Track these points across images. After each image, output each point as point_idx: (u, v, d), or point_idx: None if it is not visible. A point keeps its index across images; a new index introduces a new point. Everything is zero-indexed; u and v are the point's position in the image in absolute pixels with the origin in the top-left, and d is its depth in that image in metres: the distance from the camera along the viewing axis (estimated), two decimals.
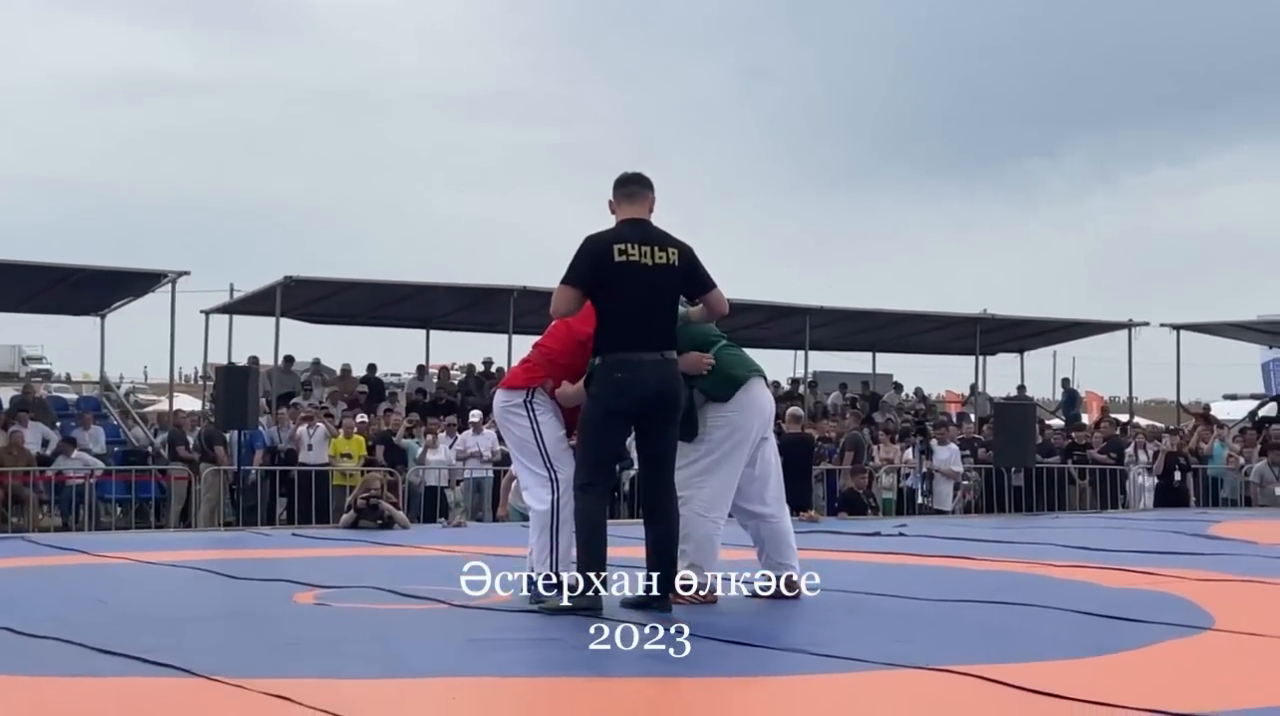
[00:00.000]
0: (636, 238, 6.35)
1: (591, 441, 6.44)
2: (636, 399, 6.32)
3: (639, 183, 6.56)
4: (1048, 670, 4.86)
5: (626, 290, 6.30)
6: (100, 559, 9.46)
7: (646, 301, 6.33)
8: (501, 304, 21.56)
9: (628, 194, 6.52)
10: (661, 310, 6.40)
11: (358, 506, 12.68)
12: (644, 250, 6.33)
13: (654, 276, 6.32)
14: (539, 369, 6.78)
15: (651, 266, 6.31)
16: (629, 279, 6.28)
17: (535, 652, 5.41)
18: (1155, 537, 11.29)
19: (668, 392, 6.37)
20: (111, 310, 21.94)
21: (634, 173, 6.61)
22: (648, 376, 6.31)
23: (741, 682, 4.78)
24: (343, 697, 4.21)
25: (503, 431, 7.05)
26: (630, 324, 6.33)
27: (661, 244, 6.40)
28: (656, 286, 6.34)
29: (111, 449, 19.09)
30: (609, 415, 6.38)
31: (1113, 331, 26.46)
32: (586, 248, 6.37)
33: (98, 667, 4.88)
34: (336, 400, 21.12)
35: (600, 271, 6.31)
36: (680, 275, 6.42)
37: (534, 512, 6.69)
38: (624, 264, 6.29)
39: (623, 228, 6.43)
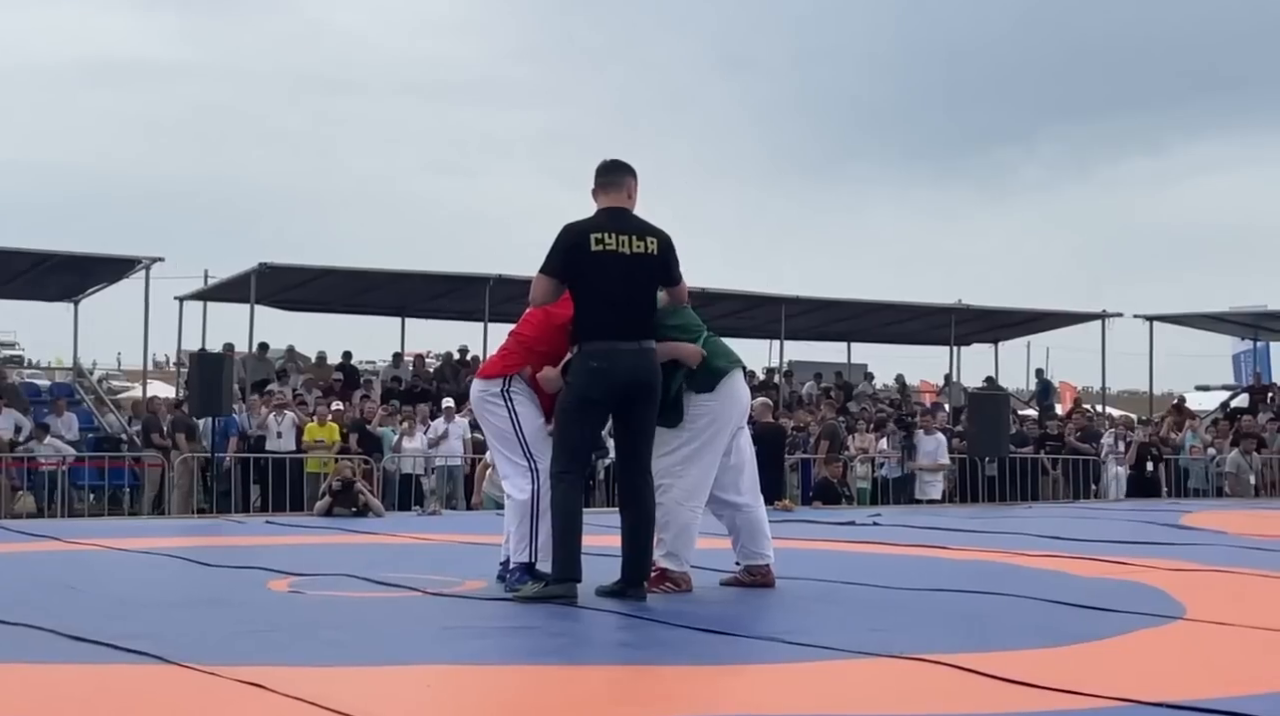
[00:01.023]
0: (614, 227, 6.34)
1: (567, 429, 6.42)
2: (613, 388, 6.30)
3: (619, 170, 6.53)
4: (1021, 659, 4.88)
5: (604, 279, 6.27)
6: (73, 545, 9.42)
7: (624, 290, 6.31)
8: (478, 292, 21.52)
9: (607, 183, 6.50)
10: (640, 299, 6.38)
11: (332, 490, 12.66)
12: (622, 239, 6.30)
13: (632, 265, 6.30)
14: (515, 356, 6.77)
15: (630, 255, 6.30)
16: (606, 268, 6.26)
17: (510, 640, 5.41)
18: (1127, 527, 11.35)
19: (645, 382, 6.35)
20: (85, 296, 21.83)
21: (615, 160, 6.58)
22: (625, 365, 6.29)
23: (717, 671, 4.79)
24: (318, 685, 4.20)
25: (480, 421, 7.03)
26: (608, 313, 6.30)
27: (640, 233, 6.38)
28: (634, 275, 6.32)
29: (85, 435, 19.01)
30: (585, 403, 6.36)
31: (1086, 322, 26.56)
32: (563, 236, 6.35)
33: (70, 654, 4.86)
34: (311, 387, 21.06)
35: (577, 260, 6.28)
36: (659, 264, 6.42)
37: (513, 501, 6.66)
38: (600, 253, 6.26)
39: (601, 216, 6.41)
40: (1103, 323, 25.68)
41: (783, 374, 25.36)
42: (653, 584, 6.61)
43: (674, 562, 6.74)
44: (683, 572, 6.77)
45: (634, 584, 6.36)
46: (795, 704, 4.31)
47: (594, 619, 5.94)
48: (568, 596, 6.17)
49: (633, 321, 6.35)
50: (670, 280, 6.54)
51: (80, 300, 21.88)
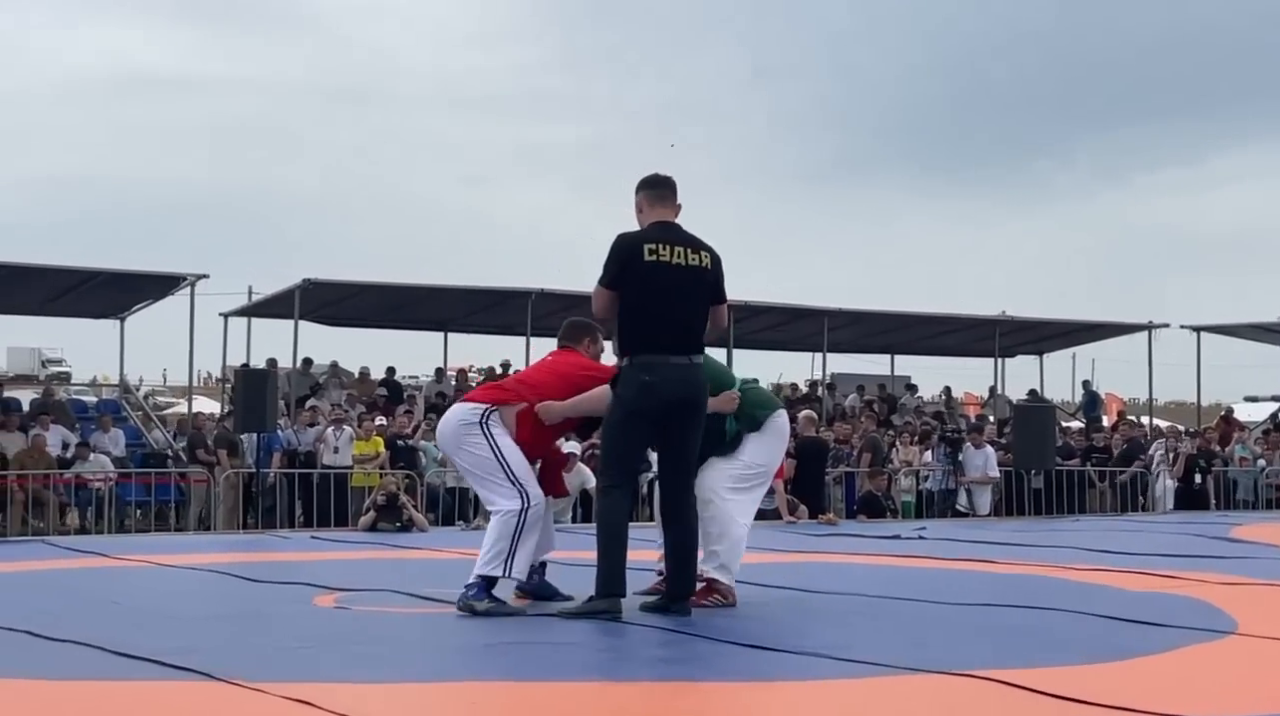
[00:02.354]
0: (667, 238, 6.29)
1: (615, 441, 6.40)
2: (662, 402, 6.23)
3: (666, 185, 6.48)
4: (1070, 674, 4.83)
5: (656, 290, 6.22)
6: (120, 561, 9.48)
7: (676, 302, 6.25)
8: (519, 306, 21.56)
9: (656, 197, 6.44)
10: (692, 312, 6.31)
11: (377, 504, 12.69)
12: (676, 250, 6.25)
13: (685, 277, 6.25)
14: (509, 393, 6.71)
15: (684, 267, 6.25)
16: (659, 279, 6.21)
17: (553, 656, 5.40)
18: (1176, 540, 11.25)
19: (692, 399, 6.29)
20: (131, 313, 21.99)
21: (660, 175, 6.52)
22: (674, 380, 6.22)
23: (761, 687, 4.76)
24: (364, 702, 4.21)
25: (453, 450, 6.75)
26: (659, 325, 6.24)
27: (694, 247, 6.33)
28: (687, 288, 6.26)
29: (131, 451, 19.14)
30: (633, 417, 6.30)
31: (1132, 333, 26.35)
32: (617, 247, 6.30)
33: (118, 671, 4.88)
34: (354, 403, 21.13)
35: (630, 270, 6.23)
36: (711, 280, 6.36)
37: (499, 515, 6.49)
38: (654, 264, 6.21)
39: (652, 229, 6.36)
40: (1149, 334, 25.47)
41: (825, 386, 25.28)
42: (700, 596, 6.59)
43: (725, 575, 6.73)
44: (730, 586, 6.75)
45: (678, 599, 6.33)
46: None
47: (637, 634, 5.92)
48: (613, 611, 6.15)
49: (685, 335, 6.28)
50: (718, 298, 6.45)
51: (126, 317, 22.04)
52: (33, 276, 19.87)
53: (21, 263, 19.43)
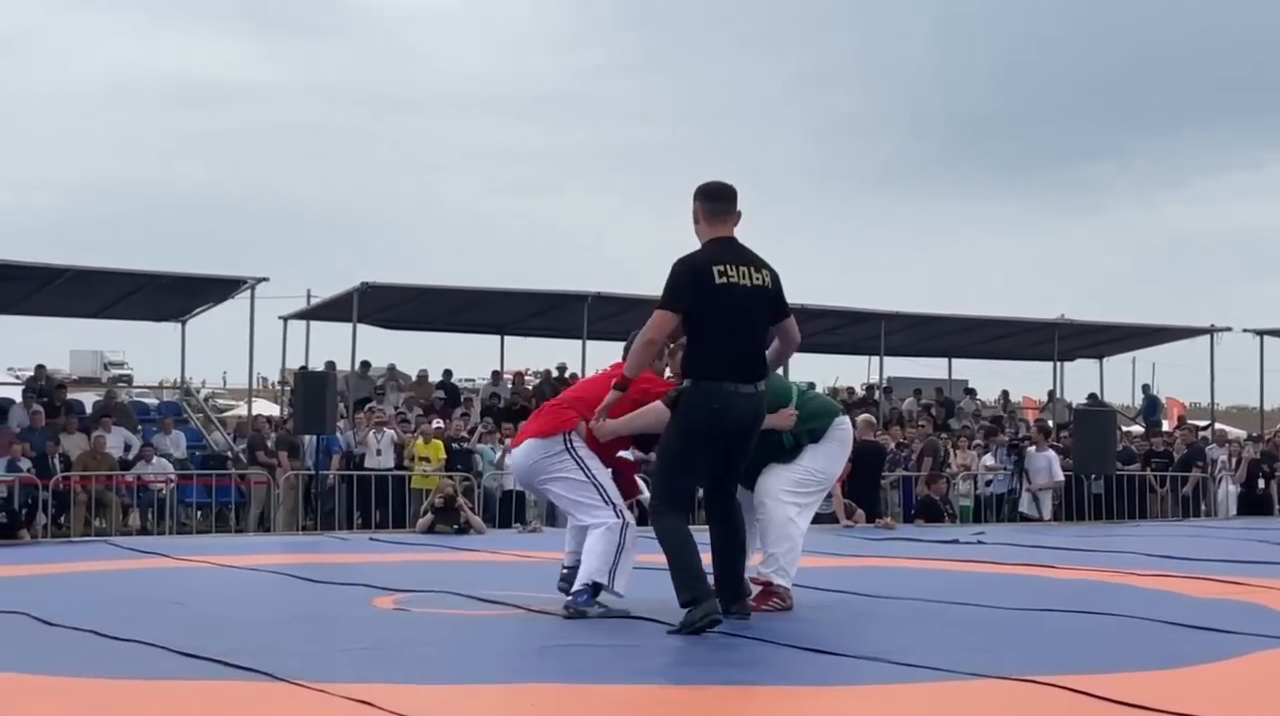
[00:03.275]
0: (733, 258, 6.10)
1: (673, 466, 6.18)
2: (725, 431, 6.08)
3: (726, 198, 6.24)
4: (1132, 681, 4.78)
5: (726, 313, 6.02)
6: (181, 562, 9.57)
7: (743, 326, 6.07)
8: (576, 309, 21.62)
9: (716, 211, 6.21)
10: (757, 336, 6.19)
11: (435, 506, 12.75)
12: (742, 271, 6.07)
13: (750, 299, 6.08)
14: (569, 411, 6.66)
15: (750, 288, 6.08)
16: (729, 302, 6.01)
17: (613, 659, 5.40)
18: (1240, 546, 11.10)
19: (752, 426, 6.18)
20: (192, 316, 22.20)
21: (721, 185, 6.28)
22: (741, 409, 6.08)
23: (820, 691, 4.75)
24: (424, 703, 4.23)
25: (543, 483, 6.71)
26: (728, 351, 6.05)
27: (757, 266, 6.16)
28: (752, 310, 6.11)
29: (192, 453, 19.33)
30: (695, 445, 6.10)
31: (1194, 337, 26.08)
32: (684, 269, 6.06)
33: (181, 670, 4.93)
34: (412, 405, 21.25)
35: (700, 293, 6.01)
36: (771, 298, 6.20)
37: (601, 528, 6.46)
38: (724, 286, 6.02)
39: (714, 248, 6.14)
40: (1211, 337, 25.21)
41: (882, 390, 25.18)
42: (759, 601, 6.58)
43: (782, 578, 6.71)
44: (787, 589, 6.73)
45: (734, 600, 6.21)
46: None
47: (696, 638, 5.91)
48: (710, 615, 5.84)
49: (753, 362, 6.14)
50: (781, 312, 6.29)
51: (187, 320, 22.25)
52: (95, 280, 20.11)
53: (84, 266, 19.68)
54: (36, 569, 9.20)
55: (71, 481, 16.13)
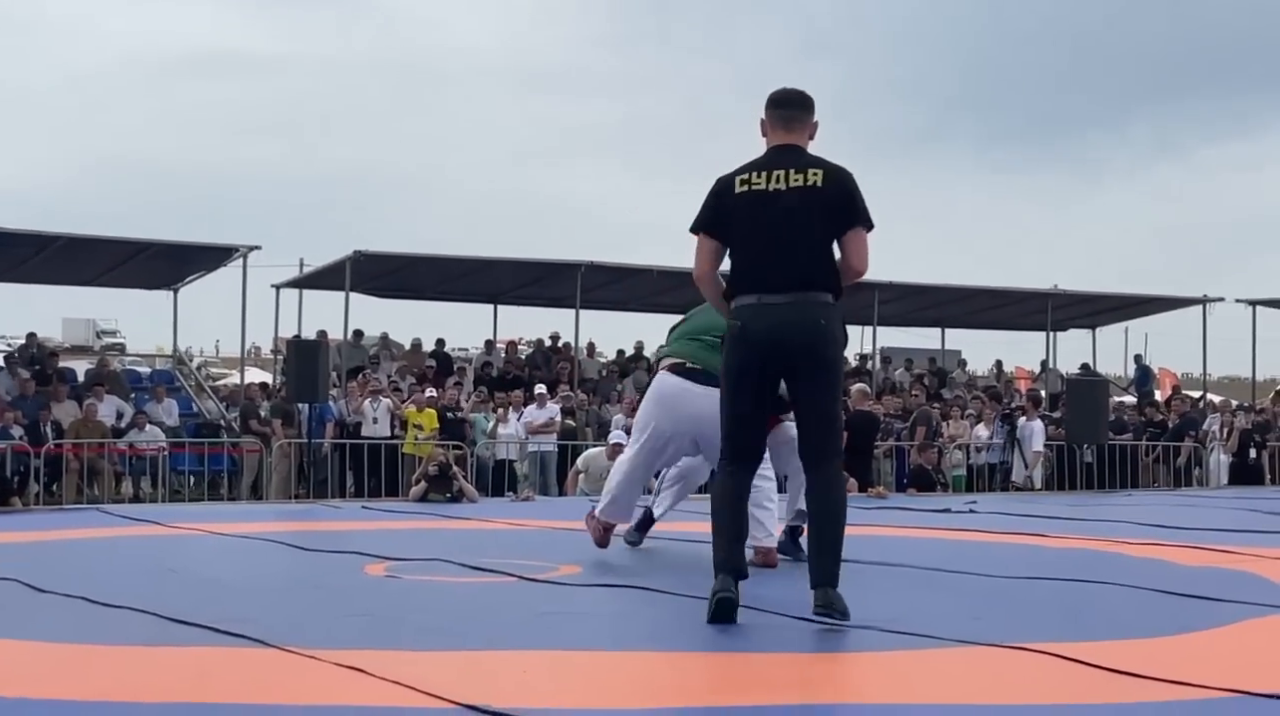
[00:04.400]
0: (767, 164, 5.29)
1: (723, 408, 5.43)
2: (758, 351, 5.23)
3: (793, 103, 5.39)
4: (1126, 648, 4.79)
5: (750, 223, 5.26)
6: (173, 530, 9.55)
7: (774, 231, 5.20)
8: (569, 279, 21.58)
9: (776, 118, 5.38)
10: (794, 239, 5.19)
11: (428, 475, 12.74)
12: (775, 175, 5.23)
13: (783, 201, 5.20)
14: None
15: (785, 190, 5.20)
16: (752, 209, 5.24)
17: (606, 626, 5.40)
18: (1231, 515, 11.12)
19: (798, 341, 5.18)
20: (184, 284, 22.17)
21: (785, 91, 5.43)
22: (769, 322, 5.19)
23: (815, 658, 4.75)
24: (416, 669, 4.22)
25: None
26: (755, 261, 5.26)
27: (800, 166, 5.24)
28: (787, 212, 5.19)
29: (185, 421, 19.32)
30: (730, 376, 5.35)
31: (1186, 307, 26.09)
32: (712, 187, 5.39)
33: (173, 637, 4.92)
34: (405, 374, 21.22)
35: (723, 208, 5.33)
36: (826, 199, 5.19)
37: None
38: (745, 194, 5.26)
39: (757, 158, 5.36)
40: (1204, 307, 25.22)
41: (876, 360, 25.17)
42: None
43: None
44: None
45: (817, 585, 5.22)
46: (895, 692, 4.25)
47: (690, 606, 5.90)
48: (720, 593, 5.24)
49: (786, 266, 5.19)
50: (846, 221, 5.25)
51: (180, 288, 22.21)
52: (87, 248, 20.06)
53: (76, 234, 19.62)
54: (28, 536, 9.19)
55: (64, 449, 16.11)
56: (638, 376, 23.14)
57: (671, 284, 24.02)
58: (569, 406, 19.07)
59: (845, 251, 5.27)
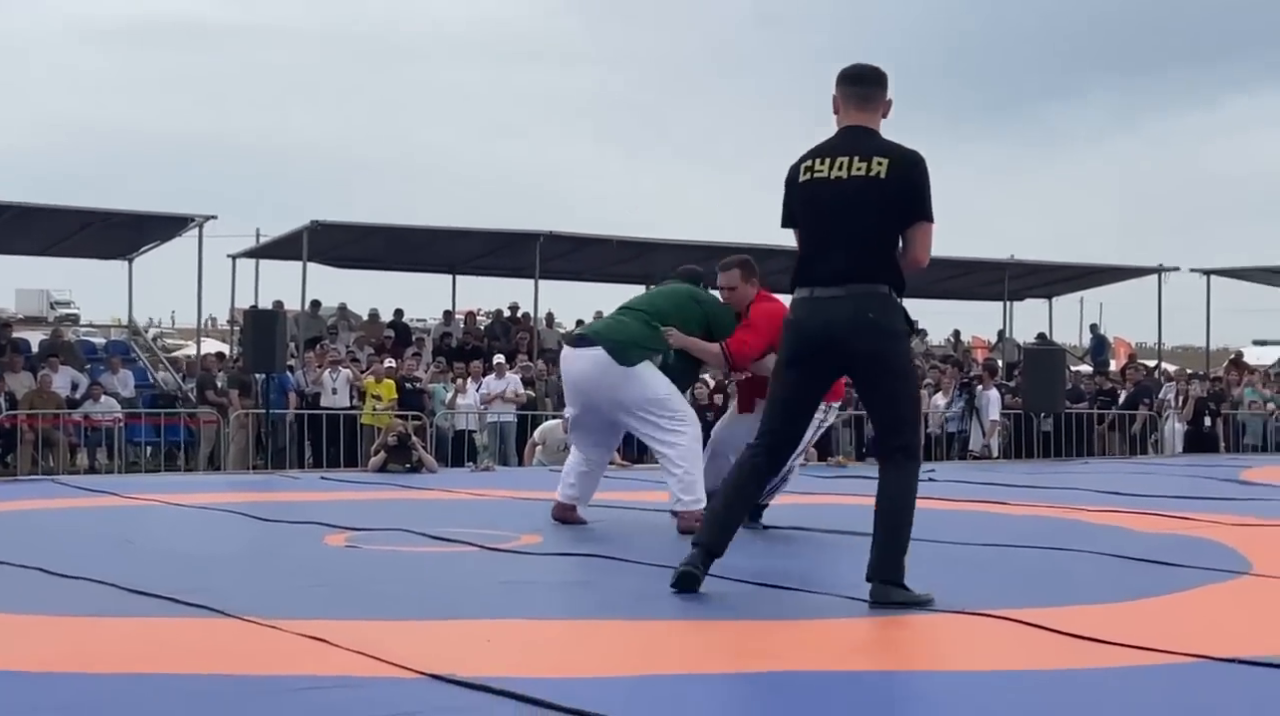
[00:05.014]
0: (832, 150, 5.14)
1: (768, 391, 5.46)
2: (811, 344, 5.16)
3: (865, 80, 5.23)
4: (1088, 614, 4.81)
5: (810, 214, 5.18)
6: (129, 501, 9.47)
7: (829, 222, 5.11)
8: (528, 249, 21.50)
9: (847, 96, 5.21)
10: (848, 231, 5.07)
11: (387, 445, 12.67)
12: (839, 162, 5.09)
13: (841, 192, 5.07)
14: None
15: (846, 179, 5.06)
16: (812, 200, 5.15)
17: (569, 595, 5.40)
18: (1187, 483, 11.21)
19: (848, 335, 5.08)
20: (139, 254, 21.95)
21: (858, 67, 5.25)
22: (820, 317, 5.11)
23: (779, 626, 4.74)
24: (378, 638, 4.19)
25: None
26: (810, 252, 5.19)
27: (865, 153, 5.08)
28: (845, 203, 5.07)
29: (141, 392, 19.16)
30: (780, 361, 5.33)
31: (1142, 276, 26.26)
32: (785, 178, 5.28)
33: (130, 608, 4.87)
34: (363, 345, 21.12)
35: (790, 198, 5.26)
36: (886, 190, 5.04)
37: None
38: (808, 183, 5.16)
39: (827, 140, 5.22)
40: (1159, 277, 25.38)
41: None
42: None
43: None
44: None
45: (869, 578, 5.02)
46: (859, 659, 4.26)
47: (656, 574, 5.89)
48: (681, 568, 5.20)
49: (837, 259, 5.09)
50: (910, 213, 5.12)
51: (135, 258, 22.00)
52: (41, 217, 19.82)
53: (30, 203, 19.38)
54: None
55: (18, 420, 15.95)
56: None
57: (631, 254, 24.00)
58: (528, 377, 19.03)
59: (907, 244, 5.15)
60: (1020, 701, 3.65)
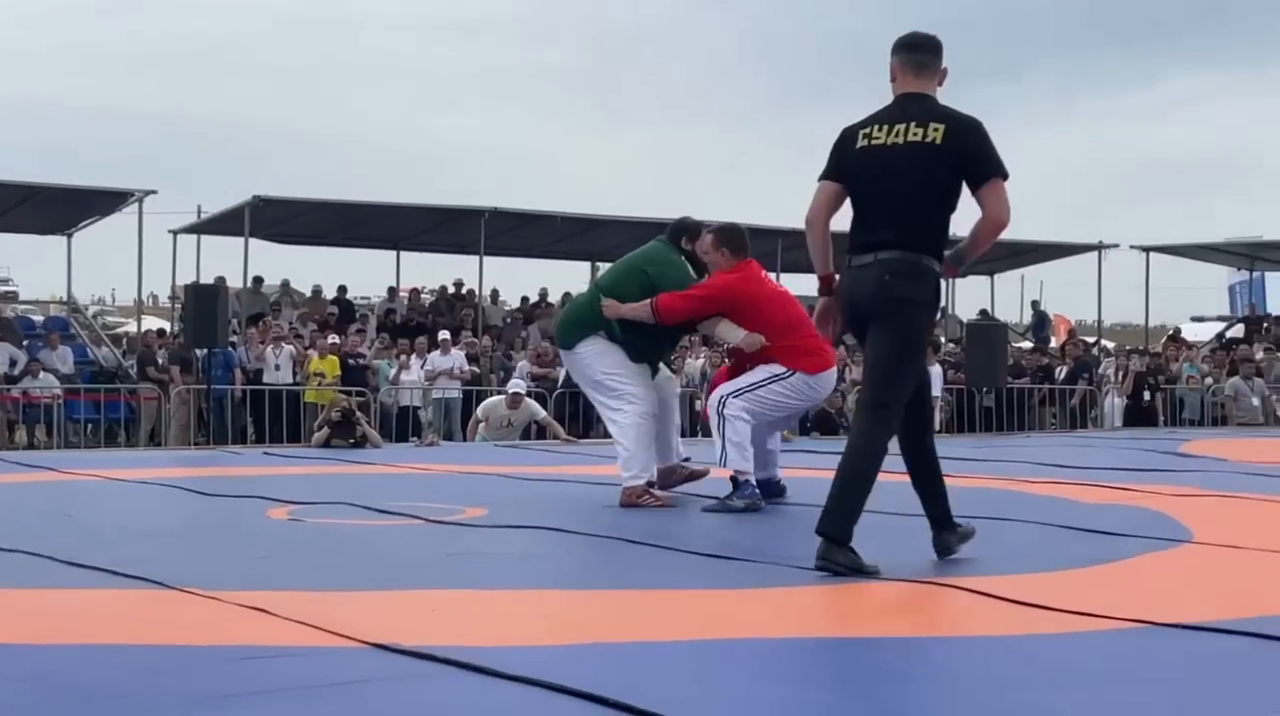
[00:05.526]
0: (889, 116, 5.11)
1: None
2: (843, 311, 5.27)
3: (923, 48, 5.19)
4: (1033, 582, 4.84)
5: (863, 181, 5.12)
6: (69, 476, 9.36)
7: (882, 190, 5.07)
8: (473, 225, 21.40)
9: (915, 63, 5.16)
10: (898, 198, 5.03)
11: (331, 421, 12.59)
12: (896, 129, 5.05)
13: (897, 158, 5.02)
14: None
15: (903, 145, 5.01)
16: (866, 166, 5.10)
17: (516, 567, 5.36)
18: (1128, 455, 11.31)
19: (863, 299, 5.12)
20: (78, 230, 21.68)
21: (914, 35, 5.22)
22: (847, 282, 5.19)
23: (727, 595, 4.73)
24: (321, 609, 4.15)
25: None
26: (856, 220, 5.20)
27: (923, 119, 5.03)
28: (900, 170, 5.02)
29: (80, 369, 18.93)
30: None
31: (1082, 253, 26.45)
32: (837, 138, 5.24)
33: (68, 580, 4.81)
34: (306, 322, 20.96)
35: (844, 162, 5.18)
36: (943, 155, 4.99)
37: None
38: (865, 149, 5.09)
39: (884, 107, 5.18)
40: (1099, 254, 25.58)
41: None
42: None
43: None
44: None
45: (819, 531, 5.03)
46: (808, 627, 4.26)
47: (598, 544, 5.89)
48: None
49: (877, 228, 5.08)
50: (982, 172, 5.03)
51: (73, 233, 21.72)
52: None
53: None
54: None
55: None
56: (543, 323, 23.07)
57: (576, 230, 23.95)
58: (473, 353, 18.95)
59: (982, 204, 5.06)
60: (968, 667, 3.65)
